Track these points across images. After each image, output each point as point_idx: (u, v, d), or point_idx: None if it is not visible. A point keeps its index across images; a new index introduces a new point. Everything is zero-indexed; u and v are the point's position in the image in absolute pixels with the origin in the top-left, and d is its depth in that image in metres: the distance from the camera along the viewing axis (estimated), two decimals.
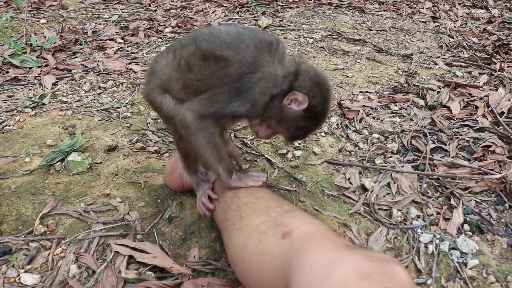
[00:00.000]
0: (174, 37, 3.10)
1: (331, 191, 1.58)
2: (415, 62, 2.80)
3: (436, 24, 3.76)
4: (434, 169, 1.73)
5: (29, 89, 2.27)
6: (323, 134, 1.94)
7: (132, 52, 2.80)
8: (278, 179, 1.63)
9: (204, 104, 1.18)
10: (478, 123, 2.04)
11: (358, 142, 1.89)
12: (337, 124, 2.02)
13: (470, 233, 1.43)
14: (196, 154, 1.26)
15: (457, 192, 1.59)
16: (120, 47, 2.87)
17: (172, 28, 3.27)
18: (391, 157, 1.80)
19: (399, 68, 2.69)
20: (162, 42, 3.00)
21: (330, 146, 1.86)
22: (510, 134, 1.92)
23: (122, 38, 3.02)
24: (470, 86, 2.39)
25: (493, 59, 2.84)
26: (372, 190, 1.58)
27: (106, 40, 2.97)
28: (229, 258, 1.14)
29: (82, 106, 2.11)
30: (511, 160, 1.74)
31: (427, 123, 2.05)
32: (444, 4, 4.32)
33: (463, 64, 2.81)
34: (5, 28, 2.99)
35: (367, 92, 2.36)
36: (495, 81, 2.53)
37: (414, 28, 3.59)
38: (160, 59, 1.28)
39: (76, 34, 3.05)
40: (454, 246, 1.36)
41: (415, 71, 2.65)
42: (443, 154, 1.84)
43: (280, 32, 3.26)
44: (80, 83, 2.33)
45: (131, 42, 2.98)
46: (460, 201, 1.54)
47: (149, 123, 1.95)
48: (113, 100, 2.17)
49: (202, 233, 1.37)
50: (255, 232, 1.03)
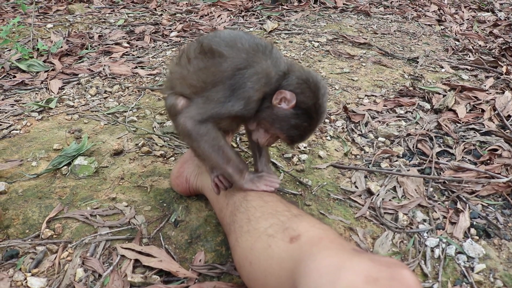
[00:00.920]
0: (180, 41, 3.11)
1: (337, 195, 1.58)
2: (420, 66, 2.79)
3: (442, 27, 3.76)
4: (440, 173, 1.72)
5: (35, 93, 2.28)
6: (328, 138, 1.94)
7: (138, 57, 2.81)
8: (284, 183, 1.63)
9: (201, 108, 1.19)
10: (485, 127, 2.03)
11: (363, 146, 1.89)
12: (342, 128, 2.02)
13: (477, 237, 1.42)
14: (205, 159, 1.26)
15: (463, 196, 1.58)
16: (126, 52, 2.88)
17: (178, 32, 3.28)
18: (396, 160, 1.79)
19: (404, 72, 2.69)
20: (168, 46, 3.01)
21: (335, 150, 1.86)
22: None
23: (128, 43, 3.04)
24: (476, 89, 2.38)
25: (499, 62, 2.83)
26: (378, 194, 1.58)
27: (112, 44, 2.99)
28: (235, 261, 1.13)
29: (88, 110, 2.12)
30: None
31: (433, 127, 2.05)
32: (449, 7, 4.31)
33: (469, 67, 2.80)
34: (12, 33, 3.01)
35: (373, 95, 2.35)
36: (502, 84, 2.51)
37: (419, 32, 3.58)
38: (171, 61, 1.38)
39: (82, 39, 3.07)
40: (460, 250, 1.35)
41: (421, 75, 2.64)
42: (449, 157, 1.83)
43: (286, 36, 3.27)
44: (86, 88, 2.34)
45: (137, 46, 2.99)
46: (467, 205, 1.54)
47: (155, 127, 1.96)
48: (119, 104, 2.18)
49: (208, 237, 1.37)
50: (263, 235, 1.03)
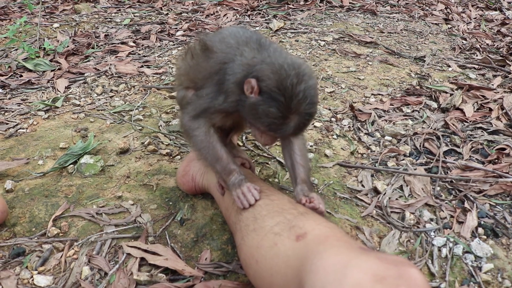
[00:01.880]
0: (186, 40, 3.11)
1: (343, 194, 1.57)
2: (427, 65, 2.78)
3: (449, 26, 3.73)
4: (447, 172, 1.71)
5: (42, 92, 2.29)
6: (335, 136, 1.93)
7: (144, 56, 2.81)
8: (290, 181, 1.62)
9: (194, 103, 1.23)
10: (492, 126, 2.02)
11: (370, 145, 1.88)
12: (349, 127, 2.01)
13: (485, 236, 1.40)
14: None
15: (471, 195, 1.57)
16: (132, 51, 2.89)
17: (184, 31, 3.28)
18: (403, 159, 1.78)
19: (411, 71, 2.67)
20: (174, 45, 3.01)
21: (342, 148, 1.85)
22: None
23: (134, 42, 3.04)
24: (483, 88, 2.36)
25: (507, 61, 2.80)
26: (385, 193, 1.57)
27: (118, 43, 3.00)
28: (241, 260, 1.13)
29: (94, 109, 2.12)
30: None
31: (440, 126, 2.03)
32: (457, 6, 4.28)
33: (476, 66, 2.78)
34: (19, 33, 3.03)
35: (379, 94, 2.34)
36: (510, 83, 2.49)
37: (426, 30, 3.56)
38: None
39: (88, 38, 3.08)
40: (468, 250, 1.34)
41: (428, 74, 2.62)
42: (456, 157, 1.82)
43: (292, 35, 3.26)
44: (92, 86, 2.35)
45: (143, 45, 3.00)
46: (474, 204, 1.52)
47: (160, 125, 1.96)
48: (125, 103, 2.18)
49: (213, 235, 1.37)
50: (269, 233, 1.03)
